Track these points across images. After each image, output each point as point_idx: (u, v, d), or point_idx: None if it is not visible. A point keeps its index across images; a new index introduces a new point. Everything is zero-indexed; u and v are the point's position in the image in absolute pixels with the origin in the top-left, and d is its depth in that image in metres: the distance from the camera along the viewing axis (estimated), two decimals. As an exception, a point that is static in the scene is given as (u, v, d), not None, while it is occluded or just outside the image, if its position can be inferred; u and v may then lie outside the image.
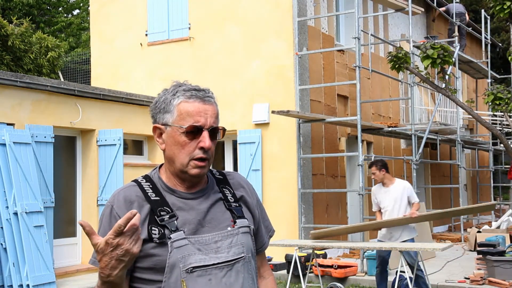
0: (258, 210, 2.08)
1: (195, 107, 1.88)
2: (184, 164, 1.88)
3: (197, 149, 1.87)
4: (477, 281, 8.91)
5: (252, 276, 1.96)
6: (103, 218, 1.88)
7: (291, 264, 8.38)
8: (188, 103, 1.89)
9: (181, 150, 1.88)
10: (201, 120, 1.88)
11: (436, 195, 16.78)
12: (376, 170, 7.79)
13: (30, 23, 15.72)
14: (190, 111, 1.88)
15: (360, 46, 10.98)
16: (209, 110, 1.90)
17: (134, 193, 1.89)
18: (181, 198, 1.91)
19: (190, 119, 1.87)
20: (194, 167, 1.88)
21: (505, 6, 9.75)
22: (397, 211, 7.77)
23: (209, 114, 1.89)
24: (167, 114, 1.90)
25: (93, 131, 10.42)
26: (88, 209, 10.37)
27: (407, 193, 7.74)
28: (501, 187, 20.36)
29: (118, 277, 1.67)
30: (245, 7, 11.90)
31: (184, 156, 1.88)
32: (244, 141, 11.47)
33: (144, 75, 12.94)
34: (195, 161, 1.87)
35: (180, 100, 1.89)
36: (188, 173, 1.89)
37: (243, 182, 2.08)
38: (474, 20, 25.93)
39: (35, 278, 8.22)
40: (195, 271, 1.81)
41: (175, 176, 1.93)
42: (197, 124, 1.87)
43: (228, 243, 1.89)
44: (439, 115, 15.14)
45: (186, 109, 1.88)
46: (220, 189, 2.00)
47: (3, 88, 9.01)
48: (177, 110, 1.89)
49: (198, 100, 1.89)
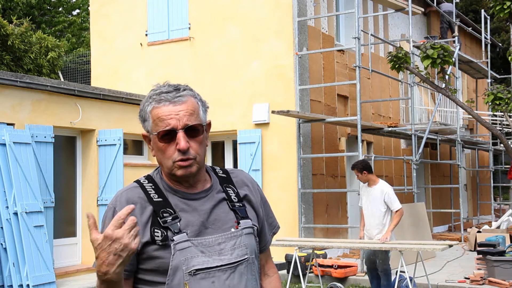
0: (262, 208, 2.07)
1: (165, 111, 1.86)
2: (169, 167, 1.87)
3: (176, 151, 1.86)
4: (477, 281, 8.91)
5: (256, 277, 1.95)
6: (106, 220, 1.87)
7: (291, 264, 8.38)
8: (159, 108, 1.87)
9: (163, 155, 1.88)
10: (171, 123, 1.84)
11: (436, 195, 16.78)
12: (358, 173, 7.72)
13: (30, 23, 15.72)
14: (161, 116, 1.86)
15: (360, 46, 10.98)
16: (181, 109, 1.86)
17: (136, 194, 1.88)
18: (184, 198, 1.90)
19: (162, 124, 1.85)
20: (178, 169, 1.86)
21: (505, 6, 9.75)
22: (371, 214, 7.71)
23: (181, 114, 1.85)
24: (146, 122, 1.91)
25: (93, 131, 10.41)
26: (88, 209, 10.37)
27: (384, 198, 7.61)
28: (501, 187, 20.35)
29: (115, 275, 1.62)
30: (245, 7, 11.90)
31: (167, 160, 1.87)
32: (244, 141, 11.47)
33: (144, 75, 12.94)
34: (177, 163, 1.86)
35: (151, 106, 1.88)
36: (176, 174, 1.88)
37: (247, 180, 2.07)
38: (474, 20, 25.94)
39: (35, 278, 8.22)
40: (198, 273, 1.81)
41: (169, 177, 1.93)
42: (168, 128, 1.84)
43: (231, 245, 1.88)
44: (439, 115, 15.14)
45: (158, 115, 1.86)
46: (223, 188, 1.99)
47: (3, 88, 9.01)
48: (151, 117, 1.88)
49: (167, 103, 1.86)
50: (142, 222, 1.83)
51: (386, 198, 7.60)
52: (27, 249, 8.25)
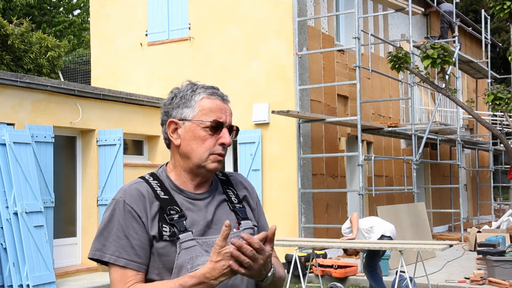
0: (257, 212, 2.09)
1: (217, 104, 1.92)
2: (203, 158, 1.89)
3: (217, 145, 1.90)
4: (477, 281, 8.91)
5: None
6: (116, 213, 1.84)
7: (291, 264, 8.38)
8: (210, 100, 1.92)
9: (201, 144, 1.89)
10: (222, 117, 1.91)
11: (436, 195, 16.78)
12: None
13: (30, 23, 15.72)
14: (213, 108, 1.90)
15: (360, 46, 10.98)
16: (228, 109, 1.95)
17: (145, 188, 1.88)
18: (189, 198, 1.91)
19: (212, 114, 1.90)
20: (213, 161, 1.90)
21: (505, 6, 9.75)
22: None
23: (228, 113, 1.94)
24: (187, 109, 1.91)
25: (93, 131, 10.41)
26: (88, 209, 10.37)
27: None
28: (501, 187, 20.35)
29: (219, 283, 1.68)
30: (245, 7, 11.90)
31: (204, 151, 1.89)
32: (244, 141, 11.47)
33: (144, 75, 12.94)
34: (215, 155, 1.90)
35: (202, 96, 1.92)
36: (206, 167, 1.90)
37: (245, 183, 2.10)
38: (474, 20, 25.94)
39: (35, 278, 8.22)
40: None
41: (188, 172, 1.93)
42: (221, 120, 1.90)
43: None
44: (439, 115, 15.13)
45: (209, 105, 1.90)
46: (223, 190, 2.01)
47: (3, 88, 9.01)
48: (199, 106, 1.90)
49: (219, 98, 1.93)
50: (151, 215, 1.84)
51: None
52: (27, 249, 8.25)
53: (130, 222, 1.82)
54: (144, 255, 1.81)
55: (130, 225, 1.81)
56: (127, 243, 1.80)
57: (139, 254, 1.80)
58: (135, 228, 1.81)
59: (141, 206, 1.83)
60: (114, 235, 1.81)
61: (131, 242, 1.80)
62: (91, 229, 10.26)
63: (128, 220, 1.82)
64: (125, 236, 1.81)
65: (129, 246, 1.80)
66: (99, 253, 1.81)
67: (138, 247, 1.80)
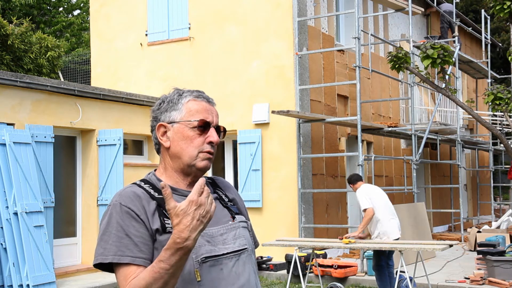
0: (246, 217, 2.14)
1: (203, 106, 2.00)
2: (193, 156, 1.95)
3: (206, 143, 1.96)
4: (477, 281, 8.91)
5: (255, 270, 2.02)
6: (114, 216, 1.86)
7: (291, 264, 8.38)
8: (196, 102, 2.00)
9: (190, 144, 1.95)
10: (209, 117, 1.98)
11: (436, 195, 16.78)
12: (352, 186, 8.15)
13: (30, 23, 15.72)
14: (199, 109, 1.98)
15: (360, 46, 10.98)
16: (214, 110, 2.03)
17: (139, 190, 1.92)
18: (183, 196, 1.93)
19: (199, 115, 1.97)
20: (203, 159, 1.95)
21: (505, 6, 9.75)
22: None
23: (214, 114, 2.01)
24: (175, 112, 1.98)
25: (93, 131, 10.41)
26: (88, 209, 10.37)
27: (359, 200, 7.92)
28: (501, 187, 20.36)
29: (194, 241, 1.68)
30: (245, 7, 11.90)
31: (193, 150, 1.95)
32: (244, 141, 11.47)
33: (144, 75, 12.94)
34: (204, 153, 1.95)
35: (188, 99, 1.99)
36: (196, 166, 1.95)
37: (232, 188, 2.18)
38: (474, 20, 25.94)
39: (35, 278, 8.22)
40: (208, 261, 1.87)
41: (179, 172, 1.98)
42: (208, 119, 1.97)
43: (232, 235, 1.96)
44: (439, 115, 15.14)
45: (195, 107, 1.98)
46: (213, 190, 2.08)
47: (3, 88, 9.01)
48: (186, 108, 1.98)
49: (204, 100, 2.01)
50: (150, 212, 1.87)
51: (358, 198, 7.93)
52: (27, 249, 8.25)
53: (129, 221, 1.83)
54: (148, 250, 1.83)
55: (129, 224, 1.83)
56: (130, 242, 1.82)
57: (143, 250, 1.82)
58: (135, 226, 1.83)
59: (138, 205, 1.86)
60: (114, 236, 1.82)
61: (133, 240, 1.82)
62: (91, 229, 10.26)
63: (127, 220, 1.84)
64: (126, 235, 1.82)
65: (132, 244, 1.81)
66: (101, 257, 1.82)
67: (141, 244, 1.82)
